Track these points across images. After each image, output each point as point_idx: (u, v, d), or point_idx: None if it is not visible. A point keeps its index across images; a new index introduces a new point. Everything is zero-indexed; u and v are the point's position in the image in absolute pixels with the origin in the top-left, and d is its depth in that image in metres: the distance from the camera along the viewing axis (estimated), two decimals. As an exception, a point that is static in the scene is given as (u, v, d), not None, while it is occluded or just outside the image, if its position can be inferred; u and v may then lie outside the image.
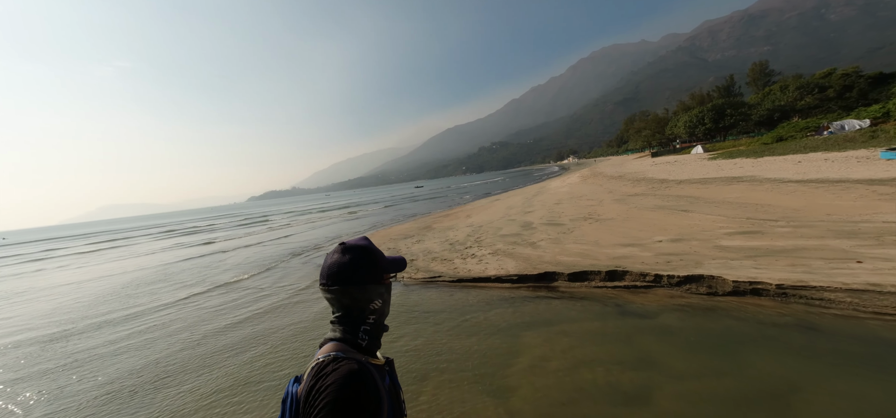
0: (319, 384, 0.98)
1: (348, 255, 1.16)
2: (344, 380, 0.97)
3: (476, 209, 26.71)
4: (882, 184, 12.07)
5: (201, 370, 6.90)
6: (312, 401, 0.97)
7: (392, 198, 77.50)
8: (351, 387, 0.96)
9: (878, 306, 5.32)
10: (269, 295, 11.31)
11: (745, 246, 8.24)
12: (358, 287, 1.14)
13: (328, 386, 0.96)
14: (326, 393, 0.95)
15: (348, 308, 1.15)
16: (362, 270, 1.15)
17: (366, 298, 1.16)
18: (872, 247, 6.98)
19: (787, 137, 40.69)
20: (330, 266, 1.16)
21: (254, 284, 12.97)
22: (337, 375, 0.98)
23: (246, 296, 11.47)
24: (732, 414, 4.03)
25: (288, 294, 11.14)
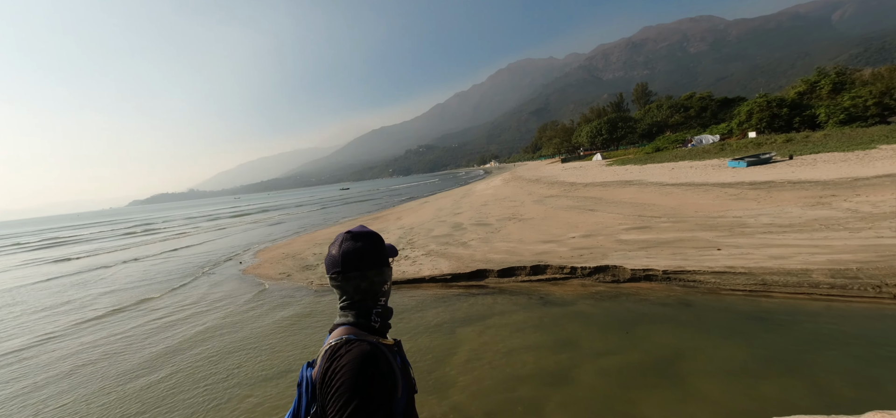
0: (334, 365, 0.99)
1: (360, 241, 1.18)
2: (359, 360, 0.98)
3: (406, 211, 26.67)
4: (730, 187, 15.31)
5: None
6: (329, 382, 0.98)
7: (315, 201, 72.98)
8: (366, 367, 0.98)
9: (733, 284, 6.77)
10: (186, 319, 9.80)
11: (638, 239, 9.73)
12: (375, 270, 1.18)
13: (343, 366, 0.98)
14: (342, 373, 0.96)
15: (364, 292, 1.16)
16: (375, 254, 1.19)
17: (381, 281, 1.20)
18: (727, 236, 8.84)
19: (663, 148, 48.88)
20: (345, 253, 1.16)
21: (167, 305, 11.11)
22: (351, 356, 0.99)
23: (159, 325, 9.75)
24: (637, 380, 4.76)
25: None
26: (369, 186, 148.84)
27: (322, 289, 10.14)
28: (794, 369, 4.50)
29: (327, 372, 1.00)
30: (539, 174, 42.63)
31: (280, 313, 8.77)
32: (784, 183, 14.38)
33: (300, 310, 8.84)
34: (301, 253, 15.34)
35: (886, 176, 12.69)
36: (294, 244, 18.25)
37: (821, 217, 9.21)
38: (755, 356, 4.87)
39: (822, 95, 41.86)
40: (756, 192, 13.54)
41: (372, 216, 27.78)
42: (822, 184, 13.05)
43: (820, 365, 4.50)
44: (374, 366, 1.00)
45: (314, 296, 9.72)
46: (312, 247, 16.37)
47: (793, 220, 9.30)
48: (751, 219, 9.96)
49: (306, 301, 9.40)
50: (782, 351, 4.87)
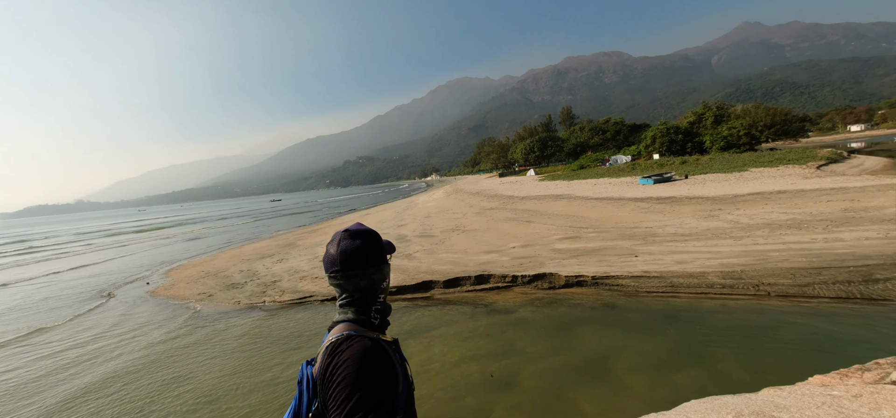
0: (336, 361, 0.99)
1: (359, 240, 1.17)
2: (361, 355, 0.99)
3: (347, 224, 25.60)
4: (642, 202, 17.40)
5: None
6: (330, 378, 0.98)
7: (241, 213, 66.65)
8: (368, 362, 0.98)
9: (649, 287, 7.66)
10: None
11: (570, 248, 10.57)
12: (375, 268, 1.18)
13: (345, 361, 0.98)
14: (344, 368, 0.96)
15: (364, 289, 1.17)
16: (375, 251, 1.19)
17: (380, 277, 1.20)
18: (642, 245, 10.00)
19: (586, 166, 54.03)
20: (343, 251, 1.15)
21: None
22: (353, 351, 0.99)
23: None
24: (574, 379, 5.12)
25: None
26: (304, 197, 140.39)
27: (251, 309, 9.26)
28: (699, 359, 5.21)
29: (328, 368, 1.00)
30: (479, 187, 44.18)
31: (193, 336, 7.79)
32: (683, 198, 16.78)
33: (235, 332, 7.95)
34: (225, 270, 13.87)
35: (757, 193, 15.50)
36: (216, 260, 16.44)
37: (712, 227, 10.91)
38: (668, 350, 5.54)
39: (707, 125, 49.96)
40: (662, 206, 15.58)
41: (309, 228, 26.21)
42: (711, 200, 15.47)
43: (718, 354, 5.27)
44: (375, 361, 1.00)
45: (243, 316, 8.83)
46: (239, 263, 14.91)
47: (691, 230, 10.87)
48: (659, 229, 11.42)
49: (239, 322, 8.49)
50: (689, 344, 5.62)
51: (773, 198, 14.19)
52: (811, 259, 7.43)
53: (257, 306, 9.42)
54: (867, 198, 11.83)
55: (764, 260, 7.75)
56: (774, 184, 17.60)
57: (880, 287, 6.17)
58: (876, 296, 6.00)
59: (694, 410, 2.46)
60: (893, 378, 2.17)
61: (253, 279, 11.90)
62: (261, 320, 8.49)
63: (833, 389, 2.13)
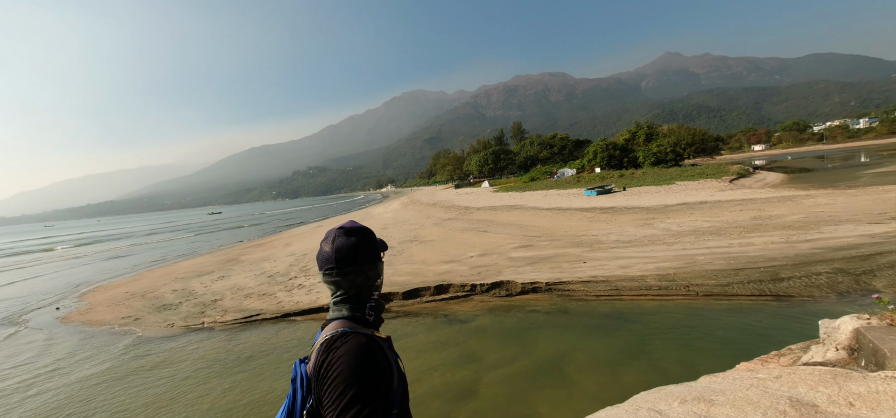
0: (330, 357, 0.98)
1: (354, 237, 1.18)
2: (356, 351, 0.98)
3: (297, 237, 24.32)
4: (588, 212, 18.62)
5: None
6: (324, 374, 0.97)
7: (173, 227, 60.48)
8: (363, 358, 0.98)
9: (597, 290, 8.17)
10: None
11: (525, 256, 10.97)
12: (369, 264, 1.18)
13: (340, 357, 0.97)
14: (339, 364, 0.96)
15: (359, 286, 1.17)
16: (369, 248, 1.20)
17: (375, 274, 1.21)
18: (589, 251, 10.67)
19: (537, 178, 56.79)
20: (338, 249, 1.15)
21: None
22: (347, 348, 0.99)
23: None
24: (531, 383, 5.28)
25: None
26: (249, 210, 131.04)
27: (188, 331, 8.38)
28: (642, 356, 5.64)
29: (323, 365, 0.99)
30: (436, 198, 44.40)
31: (113, 366, 6.88)
32: (623, 208, 18.24)
33: (166, 358, 7.10)
34: (155, 290, 12.46)
35: (683, 204, 17.31)
36: (143, 280, 14.72)
37: (648, 234, 11.96)
38: (616, 349, 5.93)
39: (639, 142, 55.11)
40: (605, 216, 16.80)
41: (253, 243, 24.46)
42: (646, 210, 16.99)
43: (658, 350, 5.74)
44: (370, 357, 0.99)
45: (178, 340, 7.95)
46: (171, 281, 13.48)
47: (631, 237, 11.83)
48: (604, 237, 12.29)
49: (172, 347, 7.61)
50: (633, 342, 6.06)
51: (697, 207, 15.94)
52: (730, 261, 8.42)
53: (195, 328, 8.56)
54: (771, 208, 13.73)
55: (692, 263, 8.64)
56: (697, 195, 19.80)
57: (785, 285, 7.15)
58: (782, 293, 6.94)
59: (644, 400, 2.65)
60: (804, 360, 2.53)
61: (189, 299, 10.81)
62: (200, 343, 7.71)
63: (758, 373, 2.42)
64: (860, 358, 2.23)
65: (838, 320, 2.54)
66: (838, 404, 1.79)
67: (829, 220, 10.71)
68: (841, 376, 2.01)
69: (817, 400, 1.86)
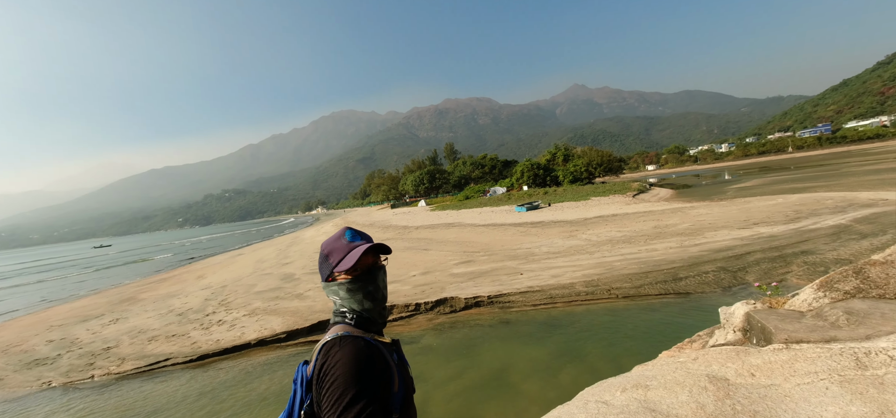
0: (330, 360, 1.01)
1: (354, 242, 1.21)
2: (354, 354, 1.00)
3: (211, 267, 21.57)
4: (520, 226, 19.81)
5: None
6: (323, 376, 1.00)
7: (40, 266, 49.46)
8: (361, 360, 1.00)
9: (534, 300, 8.67)
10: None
11: (466, 271, 11.22)
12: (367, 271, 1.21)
13: (338, 360, 0.99)
14: (337, 367, 0.98)
15: (358, 292, 1.18)
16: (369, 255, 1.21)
17: (371, 283, 1.22)
18: (524, 263, 11.32)
19: (471, 196, 58.88)
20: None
21: None
22: (346, 350, 1.01)
23: None
24: (479, 395, 5.36)
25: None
26: (147, 240, 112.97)
27: (69, 389, 6.83)
28: (576, 357, 6.09)
29: (322, 367, 1.01)
30: (372, 219, 43.25)
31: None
32: (550, 222, 19.78)
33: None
34: (21, 343, 9.98)
35: (599, 217, 19.39)
36: (4, 331, 11.71)
37: (573, 245, 13.11)
38: (553, 354, 6.33)
39: (559, 162, 60.75)
40: (536, 230, 18.04)
41: (157, 277, 21.08)
42: (569, 223, 18.65)
43: (590, 350, 6.26)
44: (368, 361, 1.02)
45: (55, 400, 6.42)
46: (43, 330, 10.95)
47: (559, 249, 12.85)
48: (536, 249, 13.15)
49: (47, 410, 6.09)
50: (567, 346, 6.53)
51: (610, 219, 17.99)
52: (640, 265, 9.62)
53: (82, 384, 7.02)
54: (666, 218, 16.07)
55: (611, 269, 9.68)
56: (609, 208, 22.36)
57: (683, 283, 8.38)
58: (681, 290, 8.11)
59: (590, 394, 2.87)
60: (711, 343, 3.00)
61: (72, 349, 8.87)
62: (88, 401, 6.33)
63: (678, 358, 2.80)
64: (752, 337, 2.72)
65: (733, 307, 3.08)
66: (743, 375, 2.16)
67: (710, 227, 12.90)
68: (741, 353, 2.42)
69: (728, 374, 2.22)
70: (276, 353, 7.50)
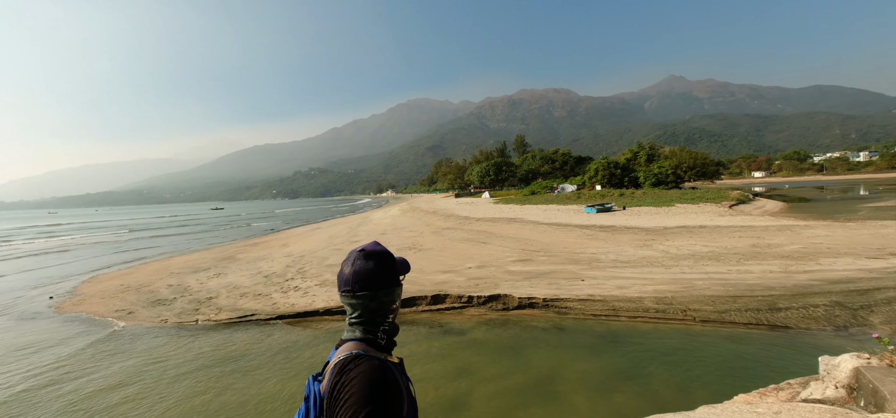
0: (344, 379, 1.00)
1: (372, 261, 1.19)
2: (369, 375, 1.00)
3: (294, 237, 24.25)
4: (587, 229, 18.63)
5: None
6: (337, 396, 0.99)
7: (170, 221, 60.34)
8: (376, 382, 1.00)
9: (593, 309, 8.14)
10: None
11: (523, 270, 10.94)
12: (385, 290, 1.19)
13: (353, 380, 0.99)
14: (352, 386, 0.98)
15: (374, 310, 1.19)
16: (386, 274, 1.21)
17: (390, 300, 1.22)
18: (587, 269, 10.65)
19: (537, 192, 56.87)
20: (356, 273, 1.18)
21: None
22: (361, 370, 1.01)
23: None
24: (523, 400, 5.23)
25: None
26: (248, 207, 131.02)
27: (181, 328, 8.30)
28: (636, 379, 5.59)
29: (336, 386, 1.01)
30: (435, 207, 44.40)
31: (104, 359, 6.79)
32: (622, 228, 18.25)
33: (158, 354, 7.02)
34: (149, 284, 12.37)
35: (682, 226, 17.32)
36: (137, 273, 14.63)
37: (647, 256, 11.94)
38: (610, 371, 5.88)
39: (641, 163, 55.37)
40: (604, 234, 16.80)
41: (250, 241, 24.37)
42: (645, 231, 17.00)
43: (653, 374, 5.69)
44: (382, 381, 1.01)
45: (167, 336, 7.87)
46: (166, 276, 13.39)
47: (629, 258, 11.81)
48: (602, 255, 12.27)
49: (162, 343, 7.53)
50: (628, 365, 6.01)
51: (696, 231, 15.96)
52: (727, 288, 8.40)
53: (189, 325, 8.49)
54: (770, 236, 13.75)
55: (690, 287, 8.62)
56: (696, 219, 19.83)
57: (782, 315, 7.13)
58: (779, 323, 6.91)
59: (641, 429, 2.62)
60: (803, 396, 2.51)
61: (183, 295, 10.73)
62: (193, 340, 7.64)
63: (756, 407, 2.40)
64: (859, 398, 2.21)
65: (838, 358, 2.53)
66: (837, 445, 1.77)
67: (828, 252, 10.72)
68: (840, 415, 1.99)
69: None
70: (339, 324, 8.19)
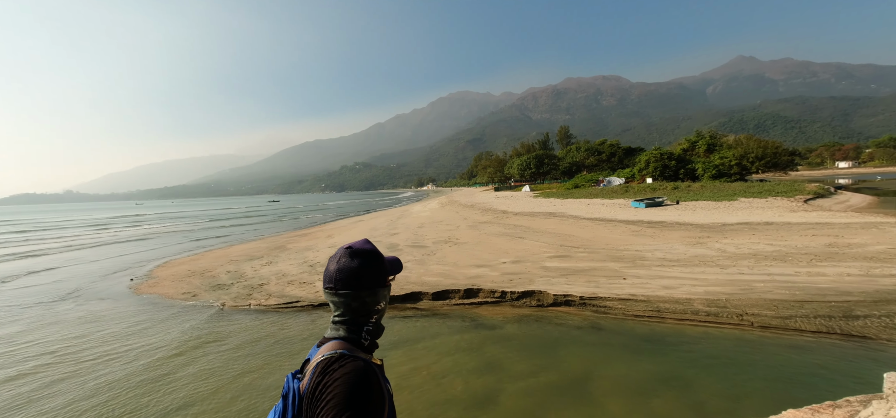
0: (327, 379, 0.98)
1: (357, 260, 1.16)
2: (353, 376, 0.98)
3: (338, 229, 25.52)
4: (634, 224, 17.59)
5: None
6: (319, 396, 0.97)
7: (234, 213, 66.01)
8: (360, 383, 0.98)
9: (635, 310, 7.71)
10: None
11: (559, 266, 10.61)
12: (368, 290, 1.16)
13: (337, 380, 0.97)
14: (335, 387, 0.95)
15: (356, 310, 1.16)
16: (372, 274, 1.17)
17: (374, 301, 1.18)
18: (630, 268, 10.08)
19: (580, 185, 54.59)
20: (339, 270, 1.15)
21: None
22: (345, 371, 0.99)
23: None
24: (553, 399, 5.11)
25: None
26: (300, 200, 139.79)
27: (235, 311, 9.12)
28: (679, 386, 5.23)
29: (318, 386, 0.99)
30: (474, 200, 44.32)
31: (173, 337, 7.65)
32: (673, 224, 16.99)
33: (216, 333, 7.82)
34: (211, 269, 13.68)
35: (744, 223, 15.76)
36: (202, 259, 16.22)
37: (699, 254, 11.04)
38: (650, 375, 5.55)
39: (699, 153, 50.94)
40: (652, 230, 15.76)
41: (300, 232, 26.01)
42: (700, 227, 15.69)
43: (699, 382, 5.30)
44: (366, 383, 0.99)
45: (224, 318, 8.69)
46: (225, 263, 14.72)
47: (679, 256, 10.99)
48: (648, 253, 11.53)
49: (203, 323, 8.35)
50: (670, 370, 5.64)
51: (760, 228, 14.43)
52: (794, 292, 7.54)
53: (242, 309, 9.30)
54: (851, 235, 12.09)
55: (748, 290, 7.85)
56: (762, 215, 17.92)
57: (859, 323, 6.27)
58: (855, 333, 6.09)
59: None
60: (863, 416, 2.21)
61: (239, 280, 11.76)
62: (248, 322, 8.37)
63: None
64: (932, 425, 1.91)
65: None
66: (893, 475, 1.55)
67: (927, 255, 9.21)
68: (902, 443, 1.74)
69: (867, 466, 1.63)
70: (374, 313, 8.55)
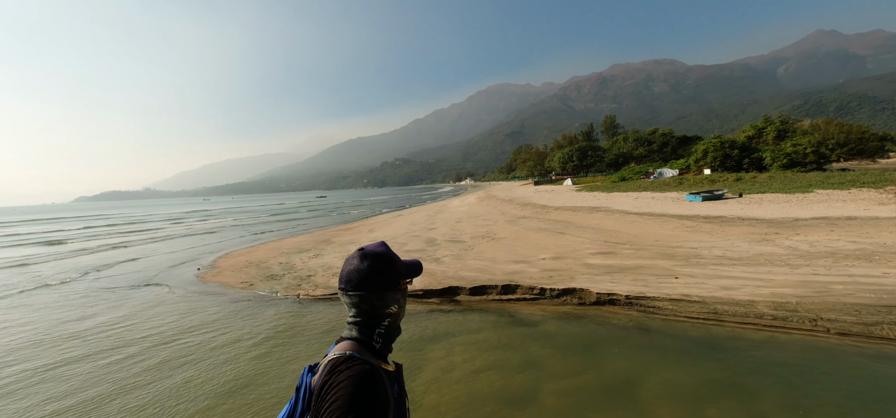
0: (332, 380, 1.01)
1: (367, 262, 1.16)
2: (357, 380, 0.99)
3: (379, 223, 26.36)
4: (687, 220, 16.34)
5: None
6: (324, 395, 0.99)
7: (287, 208, 70.59)
8: (363, 388, 0.99)
9: (688, 311, 7.19)
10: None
11: (603, 264, 10.15)
12: (377, 293, 1.16)
13: (341, 382, 0.99)
14: (338, 389, 0.97)
15: (366, 313, 1.17)
16: (382, 277, 1.17)
17: (383, 304, 1.18)
18: (683, 266, 9.40)
19: (628, 178, 51.53)
20: (350, 273, 1.17)
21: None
22: (350, 374, 1.01)
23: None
24: (595, 401, 4.92)
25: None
26: (345, 195, 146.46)
27: (286, 300, 9.78)
28: (737, 395, 4.81)
29: (325, 385, 1.02)
30: (512, 195, 43.60)
31: (234, 321, 8.36)
32: (734, 218, 15.54)
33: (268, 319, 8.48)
34: (265, 261, 14.75)
35: (821, 218, 14.04)
36: (258, 251, 17.52)
37: (765, 252, 10.02)
38: (704, 381, 5.16)
39: (768, 140, 45.95)
40: (710, 226, 14.54)
41: (344, 226, 27.22)
42: (766, 222, 14.21)
43: (760, 391, 4.84)
44: (370, 389, 1.00)
45: (277, 306, 9.35)
46: (278, 255, 15.78)
47: (741, 254, 10.05)
48: (704, 251, 10.67)
49: (273, 312, 9.02)
50: (728, 377, 5.20)
51: (841, 224, 12.78)
52: (881, 296, 6.61)
53: (292, 298, 9.95)
54: (960, 231, 10.33)
55: (824, 292, 7.00)
56: (843, 208, 15.83)
57: (968, 335, 5.37)
58: (962, 346, 5.23)
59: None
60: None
61: (290, 272, 12.57)
62: (293, 311, 8.95)
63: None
64: None
65: None
66: None
67: None
68: None
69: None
70: (414, 306, 8.71)
